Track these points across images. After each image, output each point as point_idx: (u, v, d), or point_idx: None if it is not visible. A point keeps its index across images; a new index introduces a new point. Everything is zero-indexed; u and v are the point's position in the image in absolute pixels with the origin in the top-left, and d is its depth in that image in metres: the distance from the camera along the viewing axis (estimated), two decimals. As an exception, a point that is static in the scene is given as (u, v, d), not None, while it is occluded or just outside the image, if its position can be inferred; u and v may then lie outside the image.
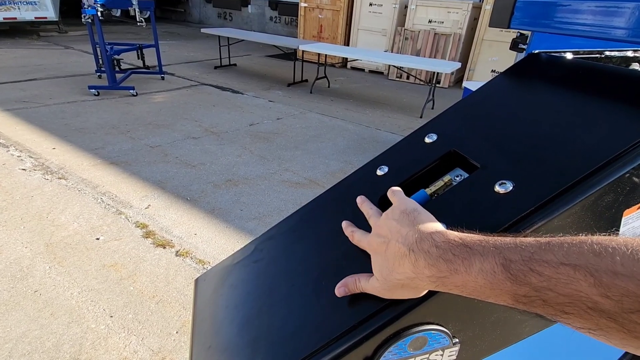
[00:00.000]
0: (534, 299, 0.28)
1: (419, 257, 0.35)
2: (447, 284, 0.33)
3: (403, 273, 0.37)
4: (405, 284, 0.38)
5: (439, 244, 0.34)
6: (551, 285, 0.27)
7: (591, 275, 0.25)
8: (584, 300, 0.25)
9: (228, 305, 0.55)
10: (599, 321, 0.25)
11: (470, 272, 0.31)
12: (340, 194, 0.61)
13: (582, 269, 0.26)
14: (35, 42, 8.06)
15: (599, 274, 0.25)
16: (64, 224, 2.30)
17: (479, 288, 0.31)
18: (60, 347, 1.55)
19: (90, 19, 4.46)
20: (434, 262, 0.34)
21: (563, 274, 0.26)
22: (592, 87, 0.52)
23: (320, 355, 0.41)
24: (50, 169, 2.92)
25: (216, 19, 13.09)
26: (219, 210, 2.58)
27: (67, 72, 5.75)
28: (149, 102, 4.71)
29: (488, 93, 0.60)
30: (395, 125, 4.58)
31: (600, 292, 0.25)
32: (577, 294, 0.26)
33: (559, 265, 0.27)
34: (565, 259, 0.27)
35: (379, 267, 0.40)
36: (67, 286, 1.85)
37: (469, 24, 6.39)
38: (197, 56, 7.78)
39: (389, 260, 0.39)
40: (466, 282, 0.32)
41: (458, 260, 0.32)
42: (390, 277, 0.38)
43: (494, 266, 0.30)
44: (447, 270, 0.33)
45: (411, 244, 0.36)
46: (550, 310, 0.27)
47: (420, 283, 0.36)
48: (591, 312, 0.25)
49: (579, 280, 0.26)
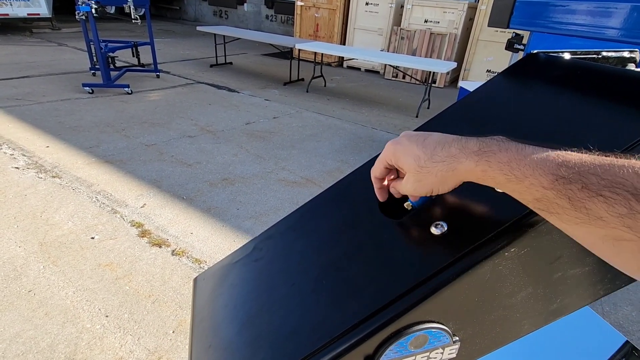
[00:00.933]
0: (574, 181, 0.28)
1: (470, 139, 0.36)
2: (491, 159, 0.34)
3: (444, 154, 0.37)
4: (438, 171, 0.38)
5: (492, 137, 0.36)
6: (598, 171, 0.28)
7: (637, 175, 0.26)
8: (626, 186, 0.26)
9: (228, 304, 0.55)
10: (634, 206, 0.25)
11: (521, 152, 0.32)
12: (340, 192, 0.61)
13: (634, 163, 0.27)
14: (27, 39, 7.96)
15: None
16: (58, 223, 2.28)
17: (523, 166, 0.32)
18: (55, 347, 1.54)
19: (85, 16, 4.41)
20: (485, 141, 0.35)
21: (614, 164, 0.27)
22: (591, 88, 0.53)
23: (322, 354, 0.41)
24: (44, 168, 2.88)
25: (212, 17, 13.01)
26: (215, 209, 2.57)
27: (61, 70, 5.69)
28: (144, 100, 4.67)
29: (487, 93, 0.60)
30: (392, 125, 4.59)
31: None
32: (621, 180, 0.26)
33: (613, 160, 0.28)
34: (618, 158, 0.28)
35: (414, 158, 0.40)
36: (61, 286, 1.84)
37: (465, 24, 6.42)
38: (193, 54, 7.73)
39: (428, 147, 0.39)
40: (512, 159, 0.32)
41: (510, 143, 0.34)
42: (427, 163, 0.39)
43: (548, 153, 0.31)
44: (498, 147, 0.34)
45: (461, 137, 0.38)
46: (585, 193, 0.28)
47: (459, 163, 0.36)
48: (629, 195, 0.26)
49: (628, 171, 0.26)
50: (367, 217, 0.53)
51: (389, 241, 0.48)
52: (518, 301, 0.45)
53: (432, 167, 0.38)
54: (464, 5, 6.25)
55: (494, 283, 0.42)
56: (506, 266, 0.41)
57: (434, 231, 0.44)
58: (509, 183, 0.33)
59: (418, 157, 0.39)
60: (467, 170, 0.36)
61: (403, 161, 0.41)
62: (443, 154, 0.38)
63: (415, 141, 0.41)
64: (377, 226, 0.51)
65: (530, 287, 0.45)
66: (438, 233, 0.44)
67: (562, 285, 0.46)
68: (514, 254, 0.41)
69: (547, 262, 0.43)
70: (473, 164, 0.35)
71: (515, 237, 0.40)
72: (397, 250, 0.46)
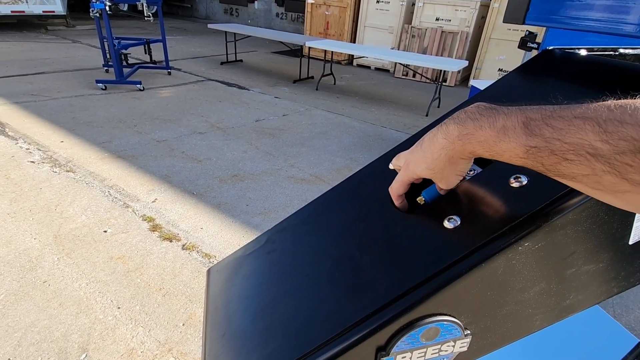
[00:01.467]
0: (542, 149, 0.31)
1: (450, 123, 0.39)
2: (472, 140, 0.37)
3: (437, 148, 0.41)
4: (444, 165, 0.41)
5: (468, 110, 0.38)
6: (560, 135, 0.30)
7: (598, 125, 0.28)
8: (586, 147, 0.28)
9: (241, 294, 0.56)
10: (595, 166, 0.28)
11: (493, 127, 0.35)
12: (352, 187, 0.62)
13: (591, 120, 0.28)
14: (43, 36, 8.11)
15: (606, 123, 0.28)
16: (72, 216, 2.33)
17: (498, 142, 0.34)
18: (68, 336, 1.57)
19: (99, 13, 4.48)
20: (462, 122, 0.38)
21: (574, 125, 0.29)
22: (608, 84, 0.52)
23: (334, 343, 0.42)
24: (58, 162, 2.94)
25: (222, 14, 13.08)
26: (224, 205, 2.59)
27: (75, 66, 5.79)
28: (155, 97, 4.73)
29: (502, 88, 0.60)
30: (401, 123, 4.57)
31: (602, 138, 0.27)
32: (580, 141, 0.28)
33: (572, 118, 0.30)
34: (579, 113, 0.30)
35: (424, 165, 0.44)
36: (75, 277, 1.88)
37: (477, 22, 6.35)
38: (204, 52, 7.79)
39: (426, 149, 0.43)
40: (488, 137, 0.35)
41: (484, 118, 0.36)
42: (433, 164, 0.42)
43: (515, 123, 0.33)
44: (473, 127, 0.37)
45: (442, 123, 0.41)
46: (553, 159, 0.30)
47: (452, 151, 0.40)
48: (589, 157, 0.28)
49: (586, 130, 0.28)
50: (379, 211, 0.54)
51: (401, 234, 0.48)
52: (530, 296, 0.45)
53: (437, 164, 0.42)
54: (476, 3, 6.18)
55: (507, 277, 0.42)
56: (519, 260, 0.41)
57: (447, 225, 0.45)
58: (494, 157, 0.36)
59: (426, 162, 0.43)
60: (461, 153, 0.40)
61: (420, 172, 0.45)
62: (436, 150, 0.41)
63: (417, 151, 0.45)
64: (389, 220, 0.51)
65: (543, 282, 0.45)
66: (451, 227, 0.44)
67: (575, 281, 0.46)
68: (527, 249, 0.41)
69: (561, 257, 0.43)
70: (461, 148, 0.39)
71: (529, 232, 0.40)
72: (410, 243, 0.47)
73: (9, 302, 1.71)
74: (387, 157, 0.62)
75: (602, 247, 0.44)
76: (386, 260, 0.46)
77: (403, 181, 0.48)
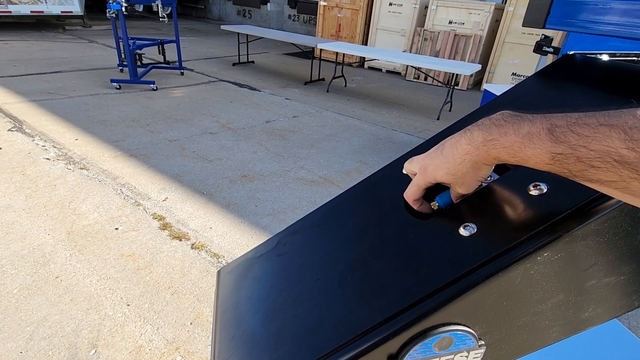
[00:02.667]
0: (568, 156, 0.31)
1: (474, 130, 0.40)
2: (497, 146, 0.37)
3: (460, 154, 0.41)
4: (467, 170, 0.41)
5: (492, 117, 0.38)
6: (586, 142, 0.30)
7: (624, 132, 0.28)
8: (612, 154, 0.28)
9: (251, 296, 0.56)
10: (622, 172, 0.28)
11: (518, 134, 0.35)
12: (365, 191, 0.61)
13: (617, 127, 0.29)
14: (60, 36, 8.29)
15: (632, 130, 0.28)
16: (85, 213, 2.36)
17: (523, 149, 0.34)
18: (79, 332, 1.59)
19: (115, 14, 4.56)
20: (487, 128, 0.38)
21: (599, 132, 0.29)
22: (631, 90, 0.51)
23: (346, 350, 0.41)
24: (72, 159, 3.00)
25: (235, 16, 13.20)
26: (234, 205, 2.60)
27: (91, 66, 5.90)
28: (168, 97, 4.79)
29: (521, 93, 0.59)
30: (412, 127, 4.54)
31: (629, 145, 0.28)
32: (607, 149, 0.29)
33: (598, 126, 0.30)
34: (605, 121, 0.30)
35: (445, 170, 0.43)
36: (86, 273, 1.90)
37: (490, 25, 6.28)
38: (216, 52, 7.86)
39: (447, 155, 0.42)
40: (513, 143, 0.35)
41: (508, 125, 0.36)
42: (455, 169, 0.42)
43: (540, 130, 0.33)
44: (498, 133, 0.37)
45: (465, 130, 0.41)
46: (580, 166, 0.31)
47: (476, 156, 0.39)
48: (616, 164, 0.28)
49: (612, 137, 0.29)
50: (393, 216, 0.53)
51: (416, 240, 0.48)
52: (548, 308, 0.44)
53: (460, 169, 0.42)
54: (490, 6, 6.11)
55: (524, 288, 0.41)
56: (538, 271, 0.40)
57: (463, 232, 0.44)
58: (519, 163, 0.36)
59: (447, 168, 0.43)
60: (485, 159, 0.39)
61: (439, 177, 0.45)
62: (460, 155, 0.41)
63: (435, 156, 0.45)
64: (403, 225, 0.50)
65: (561, 294, 0.43)
66: (467, 234, 0.43)
67: (595, 293, 0.45)
68: (546, 259, 0.39)
69: (581, 268, 0.42)
70: (485, 154, 0.39)
71: (549, 241, 0.39)
72: (424, 250, 0.46)
73: (22, 296, 1.74)
74: (399, 162, 0.62)
75: (625, 259, 0.43)
76: (399, 267, 0.46)
77: (419, 185, 0.48)
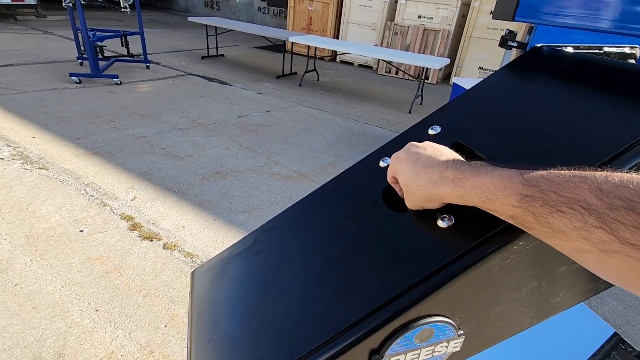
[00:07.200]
0: (536, 199, 0.32)
1: (450, 165, 0.41)
2: (465, 185, 0.38)
3: (427, 179, 0.42)
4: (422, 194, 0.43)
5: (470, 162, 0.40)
6: (556, 188, 0.31)
7: (595, 184, 0.29)
8: (580, 202, 0.29)
9: (228, 297, 0.54)
10: (587, 219, 0.28)
11: (490, 175, 0.36)
12: (342, 185, 0.61)
13: (589, 179, 0.30)
14: (11, 26, 7.71)
15: (602, 184, 0.29)
16: (46, 216, 2.23)
17: (493, 189, 0.35)
18: (43, 341, 1.50)
19: (72, 3, 4.29)
20: (460, 168, 0.39)
21: (571, 181, 0.31)
22: (596, 81, 0.53)
23: (327, 348, 0.41)
24: (30, 159, 2.81)
25: (203, 7, 12.80)
26: (207, 202, 2.54)
27: (47, 59, 5.54)
28: (133, 92, 4.58)
29: (491, 86, 0.59)
30: (385, 120, 4.59)
31: (597, 195, 0.28)
32: (576, 196, 0.30)
33: (570, 176, 0.31)
34: (578, 174, 0.31)
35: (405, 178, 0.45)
36: (49, 279, 1.80)
37: (458, 20, 6.44)
38: (184, 45, 7.60)
39: (416, 169, 0.44)
40: (482, 182, 0.36)
41: (482, 168, 0.38)
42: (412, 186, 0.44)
43: (513, 173, 0.35)
44: (470, 173, 0.38)
45: (444, 162, 0.42)
46: (546, 210, 0.31)
47: (438, 189, 0.41)
48: (583, 210, 0.29)
49: (583, 188, 0.30)
50: (371, 210, 0.52)
51: (394, 234, 0.47)
52: (523, 295, 0.45)
53: (417, 190, 0.43)
54: (457, 1, 6.26)
55: (501, 277, 0.42)
56: (514, 259, 0.41)
57: (441, 224, 0.44)
58: (484, 204, 0.36)
59: (407, 178, 0.45)
60: (445, 195, 0.40)
61: (399, 178, 0.47)
62: (426, 179, 0.42)
63: (408, 160, 0.45)
64: (381, 219, 0.50)
65: (535, 281, 0.44)
66: (445, 226, 0.44)
67: (566, 278, 0.46)
68: (522, 247, 0.40)
69: (553, 255, 0.43)
70: (450, 190, 0.39)
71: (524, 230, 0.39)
72: (403, 243, 0.46)
73: (-23, 307, 1.62)
74: (375, 156, 0.61)
75: (593, 244, 0.45)
76: (379, 261, 0.45)
77: (390, 172, 0.50)
